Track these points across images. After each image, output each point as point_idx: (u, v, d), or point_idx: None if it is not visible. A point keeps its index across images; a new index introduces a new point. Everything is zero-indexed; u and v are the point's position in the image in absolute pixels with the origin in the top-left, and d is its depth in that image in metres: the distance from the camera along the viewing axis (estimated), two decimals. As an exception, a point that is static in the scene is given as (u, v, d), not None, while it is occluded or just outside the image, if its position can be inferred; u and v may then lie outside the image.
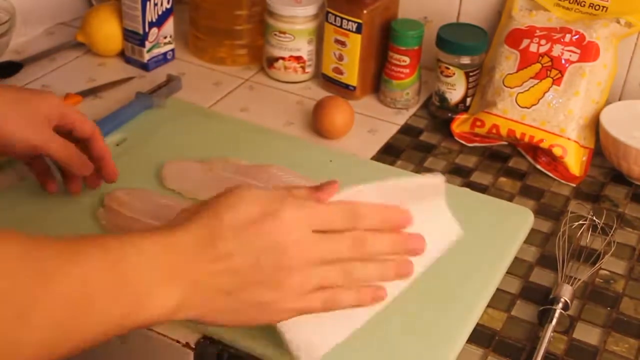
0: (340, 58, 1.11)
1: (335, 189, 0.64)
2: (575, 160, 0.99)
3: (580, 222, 0.90)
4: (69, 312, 0.53)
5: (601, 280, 0.84)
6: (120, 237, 0.58)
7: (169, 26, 1.19)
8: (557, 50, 1.01)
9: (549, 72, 1.01)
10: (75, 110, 0.83)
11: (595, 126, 1.02)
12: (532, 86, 1.01)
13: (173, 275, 0.58)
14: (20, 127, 0.78)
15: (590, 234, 0.89)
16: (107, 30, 1.19)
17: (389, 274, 0.64)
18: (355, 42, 1.09)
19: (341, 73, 1.13)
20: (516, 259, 0.86)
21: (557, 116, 1.00)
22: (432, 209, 0.66)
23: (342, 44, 1.10)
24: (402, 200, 0.64)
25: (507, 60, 1.04)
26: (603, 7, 1.04)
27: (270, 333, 0.73)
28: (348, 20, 1.08)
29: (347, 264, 0.62)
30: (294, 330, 0.64)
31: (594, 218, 0.90)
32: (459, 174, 1.00)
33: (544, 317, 0.77)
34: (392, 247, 0.64)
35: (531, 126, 1.00)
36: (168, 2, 1.18)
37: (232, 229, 0.59)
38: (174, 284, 0.58)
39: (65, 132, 0.82)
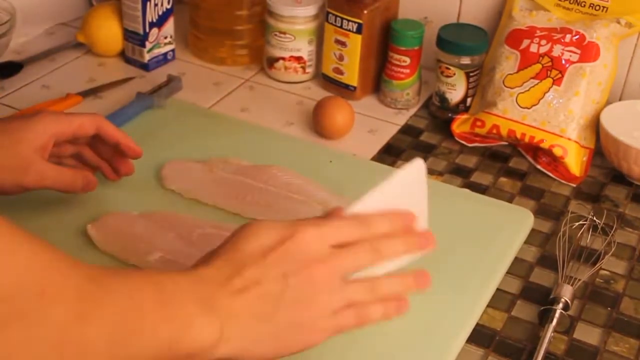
0: (341, 58, 1.11)
1: (341, 210, 0.65)
2: (575, 160, 0.99)
3: (581, 222, 0.90)
4: (120, 328, 0.53)
5: (601, 281, 0.84)
6: (148, 270, 0.60)
7: (169, 26, 1.20)
8: (557, 50, 1.01)
9: (549, 73, 1.01)
10: (68, 119, 0.81)
11: (595, 126, 1.02)
12: (533, 86, 1.01)
13: (209, 307, 0.58)
14: (8, 174, 0.77)
15: (591, 234, 0.89)
16: (107, 31, 1.19)
17: (409, 285, 0.66)
18: (355, 43, 1.09)
19: (341, 73, 1.13)
20: (516, 259, 0.86)
21: (557, 116, 1.00)
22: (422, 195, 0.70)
23: (343, 44, 1.10)
24: (397, 195, 0.67)
25: (508, 61, 1.04)
26: (603, 7, 1.04)
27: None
28: (348, 21, 1.08)
29: (372, 281, 0.64)
30: None
31: (594, 218, 0.90)
32: (459, 174, 1.00)
33: (544, 317, 0.77)
34: (405, 247, 0.65)
35: (531, 126, 1.00)
36: (168, 2, 1.18)
37: (253, 256, 0.60)
38: (212, 315, 0.58)
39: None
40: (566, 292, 0.79)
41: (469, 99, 1.09)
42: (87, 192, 0.86)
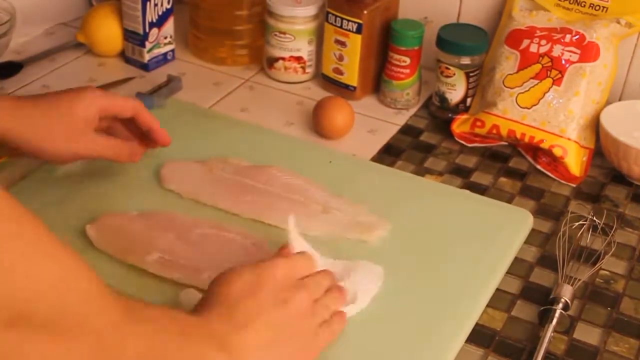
0: (341, 58, 1.11)
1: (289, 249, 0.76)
2: (575, 160, 0.99)
3: (581, 222, 0.89)
4: None
5: (601, 281, 0.84)
6: (168, 309, 0.64)
7: (169, 26, 1.19)
8: (557, 50, 1.01)
9: (549, 73, 1.01)
10: (113, 98, 0.86)
11: (595, 126, 1.02)
12: (533, 86, 1.01)
13: (220, 344, 0.63)
14: (60, 141, 0.82)
15: (591, 234, 0.89)
16: (107, 31, 1.19)
17: (343, 299, 0.74)
18: (355, 43, 1.09)
19: (341, 73, 1.12)
20: (516, 259, 0.86)
21: (557, 116, 1.00)
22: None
23: (342, 44, 1.10)
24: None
25: (508, 61, 1.04)
26: (603, 7, 1.04)
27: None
28: (348, 21, 1.08)
29: (323, 300, 0.72)
30: None
31: (594, 218, 0.90)
32: (459, 174, 1.00)
33: (544, 317, 0.77)
34: (330, 281, 0.74)
35: (531, 126, 1.00)
36: (168, 2, 1.18)
37: (242, 295, 0.66)
38: (223, 351, 0.63)
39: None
40: (566, 292, 0.79)
41: (468, 99, 1.08)
42: (89, 189, 0.87)
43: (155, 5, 1.16)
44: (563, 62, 1.00)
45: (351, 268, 0.78)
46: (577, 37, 1.01)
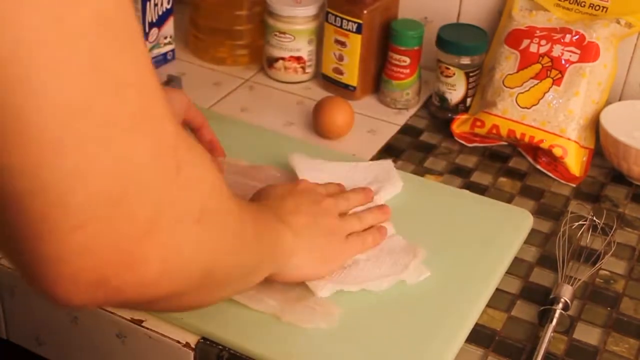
0: (341, 58, 1.11)
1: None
2: (575, 160, 0.99)
3: (581, 222, 0.90)
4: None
5: (601, 281, 0.84)
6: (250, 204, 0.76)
7: (169, 26, 1.19)
8: (557, 50, 1.01)
9: (549, 73, 1.01)
10: (192, 105, 0.90)
11: (595, 126, 1.02)
12: (532, 86, 1.01)
13: (283, 222, 0.74)
14: None
15: (591, 234, 0.89)
16: (107, 31, 1.19)
17: (379, 217, 0.85)
18: (355, 43, 1.09)
19: (341, 73, 1.13)
20: (516, 259, 0.86)
21: (557, 116, 1.00)
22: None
23: (342, 44, 1.10)
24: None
25: (507, 61, 1.04)
26: (603, 7, 1.04)
27: (269, 334, 0.73)
28: (348, 21, 1.08)
29: (358, 215, 0.83)
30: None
31: (594, 218, 0.90)
32: (459, 174, 1.00)
33: (544, 317, 0.77)
34: (364, 200, 0.87)
35: (531, 126, 1.00)
36: (168, 3, 1.18)
37: (283, 194, 0.79)
38: (287, 228, 0.73)
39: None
40: (566, 292, 0.79)
41: (468, 99, 1.08)
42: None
43: (155, 5, 1.16)
44: (563, 62, 1.00)
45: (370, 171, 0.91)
46: (577, 37, 1.01)
